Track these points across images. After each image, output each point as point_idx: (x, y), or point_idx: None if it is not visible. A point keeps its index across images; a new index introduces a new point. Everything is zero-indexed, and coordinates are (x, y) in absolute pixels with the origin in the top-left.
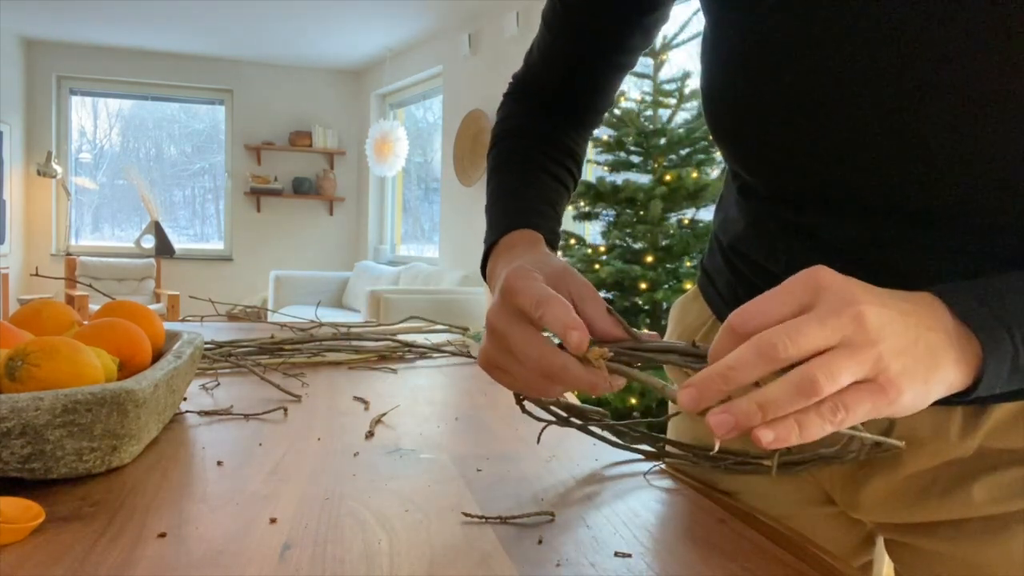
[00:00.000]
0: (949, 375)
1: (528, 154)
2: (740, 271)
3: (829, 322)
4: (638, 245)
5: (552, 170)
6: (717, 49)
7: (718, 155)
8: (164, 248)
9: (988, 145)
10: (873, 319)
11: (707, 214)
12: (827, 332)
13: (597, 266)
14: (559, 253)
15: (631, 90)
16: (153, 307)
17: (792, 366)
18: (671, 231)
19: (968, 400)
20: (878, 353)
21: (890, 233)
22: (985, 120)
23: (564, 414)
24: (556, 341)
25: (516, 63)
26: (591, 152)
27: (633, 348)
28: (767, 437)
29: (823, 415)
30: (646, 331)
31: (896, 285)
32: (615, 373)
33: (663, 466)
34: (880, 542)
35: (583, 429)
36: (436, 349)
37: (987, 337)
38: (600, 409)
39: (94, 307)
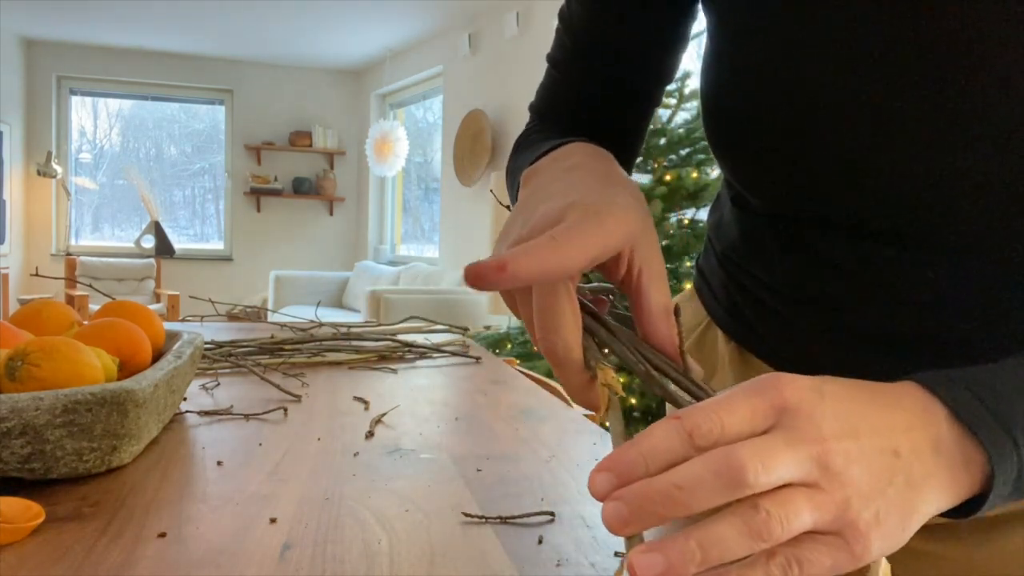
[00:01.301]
0: (931, 507)
1: (560, 130)
2: (734, 275)
3: (799, 452)
4: None
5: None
6: (720, 56)
7: None
8: (164, 248)
9: (997, 162)
10: (840, 459)
11: (707, 214)
12: (794, 466)
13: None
14: None
15: None
16: (153, 307)
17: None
18: (671, 231)
19: (953, 518)
20: (845, 499)
21: (891, 251)
22: (995, 137)
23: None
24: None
25: (516, 63)
26: None
27: (650, 367)
28: None
29: (771, 574)
30: (696, 364)
31: (893, 304)
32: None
33: None
34: None
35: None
36: (436, 349)
37: (995, 451)
38: None
39: (94, 307)
